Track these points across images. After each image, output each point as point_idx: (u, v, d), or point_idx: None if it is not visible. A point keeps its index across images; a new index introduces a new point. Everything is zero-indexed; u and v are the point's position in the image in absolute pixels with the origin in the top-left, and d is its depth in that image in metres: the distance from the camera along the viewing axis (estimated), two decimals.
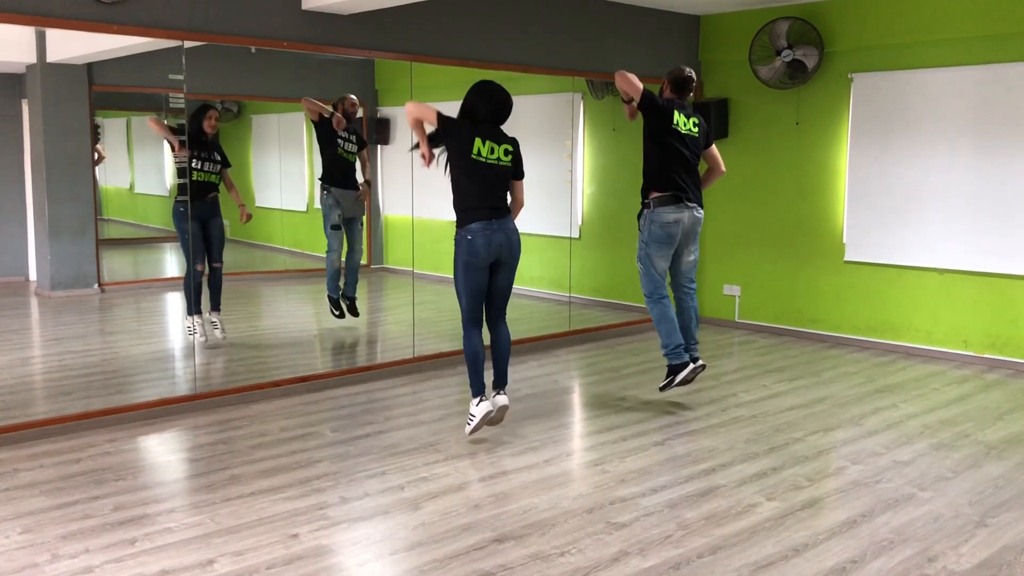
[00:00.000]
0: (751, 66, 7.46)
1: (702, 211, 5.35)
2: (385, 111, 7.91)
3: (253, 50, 5.70)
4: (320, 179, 7.12)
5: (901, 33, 6.80)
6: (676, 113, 5.20)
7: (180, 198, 6.33)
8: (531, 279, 4.82)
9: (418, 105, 4.57)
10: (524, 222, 4.86)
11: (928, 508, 3.89)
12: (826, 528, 3.67)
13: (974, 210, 6.53)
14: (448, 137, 4.54)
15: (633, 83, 5.15)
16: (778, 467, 4.40)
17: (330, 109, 6.98)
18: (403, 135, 7.62)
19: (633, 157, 5.49)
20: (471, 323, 4.69)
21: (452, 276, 4.69)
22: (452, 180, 4.60)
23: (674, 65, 5.80)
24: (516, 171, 4.66)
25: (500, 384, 4.77)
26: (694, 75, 5.35)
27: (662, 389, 5.45)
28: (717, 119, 7.73)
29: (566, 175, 8.16)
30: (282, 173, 8.19)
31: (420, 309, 6.85)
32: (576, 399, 5.91)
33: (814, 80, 7.27)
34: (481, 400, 4.65)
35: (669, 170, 5.20)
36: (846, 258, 7.25)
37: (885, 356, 6.89)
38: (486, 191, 4.54)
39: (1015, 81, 6.29)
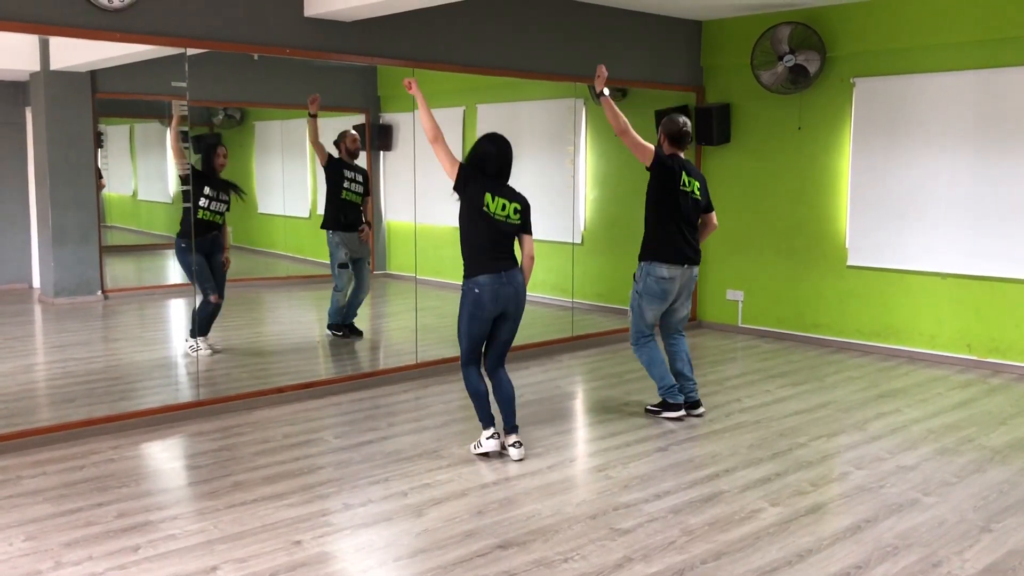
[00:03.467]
0: (753, 71, 7.46)
1: (698, 268, 5.39)
2: (388, 117, 7.92)
3: (256, 57, 5.72)
4: (323, 226, 7.03)
5: (903, 37, 6.80)
6: (683, 173, 5.23)
7: (182, 234, 6.30)
8: (534, 284, 4.81)
9: (443, 146, 4.52)
10: None
11: (932, 513, 3.88)
12: (830, 533, 3.67)
13: (977, 214, 6.53)
14: (463, 189, 4.51)
15: (642, 147, 5.14)
16: (782, 472, 4.39)
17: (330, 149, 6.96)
18: (405, 141, 7.63)
19: (635, 163, 5.51)
20: (469, 363, 4.63)
21: (454, 281, 4.67)
22: (461, 227, 4.55)
23: (676, 70, 5.79)
24: (524, 227, 4.58)
25: (511, 429, 4.65)
26: (690, 126, 5.35)
27: (647, 411, 5.46)
28: (719, 124, 7.74)
29: (568, 181, 8.17)
30: (285, 179, 8.20)
31: (423, 315, 6.85)
32: (579, 405, 5.91)
33: (816, 85, 7.27)
34: (493, 434, 4.57)
35: (672, 229, 5.23)
36: (849, 263, 7.25)
37: (888, 361, 6.88)
38: (495, 243, 4.49)
39: (1017, 85, 6.29)
